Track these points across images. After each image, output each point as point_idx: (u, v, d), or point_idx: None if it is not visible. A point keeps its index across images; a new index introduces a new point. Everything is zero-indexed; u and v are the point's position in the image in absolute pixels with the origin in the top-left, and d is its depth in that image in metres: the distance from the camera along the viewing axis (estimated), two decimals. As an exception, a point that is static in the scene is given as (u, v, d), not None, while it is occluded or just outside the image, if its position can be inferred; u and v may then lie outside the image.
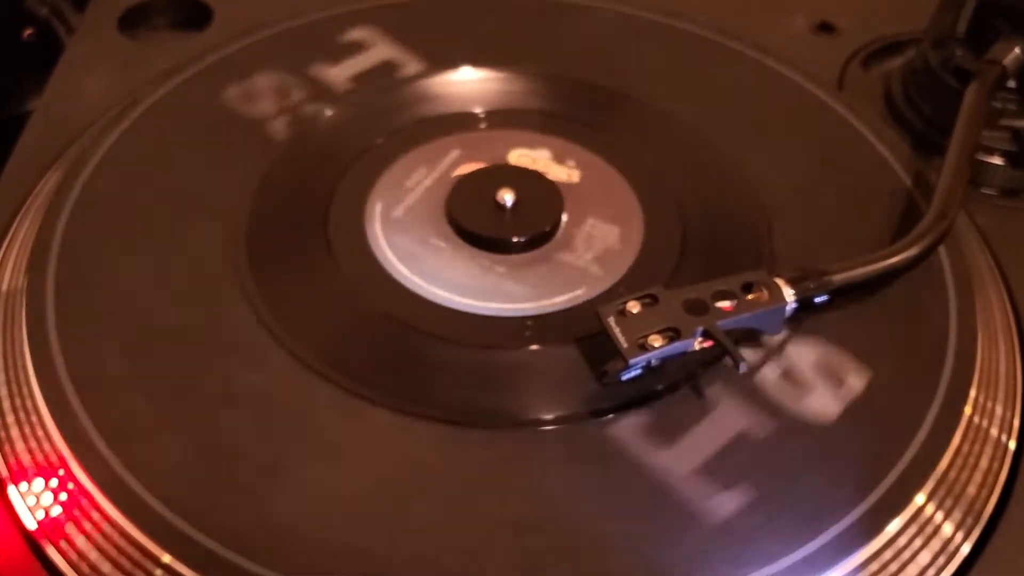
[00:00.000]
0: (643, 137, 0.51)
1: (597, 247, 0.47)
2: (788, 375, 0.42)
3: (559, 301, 0.45)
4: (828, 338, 0.43)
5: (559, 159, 0.50)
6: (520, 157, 0.50)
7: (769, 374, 0.42)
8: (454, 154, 0.50)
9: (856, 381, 0.42)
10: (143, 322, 0.43)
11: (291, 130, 0.50)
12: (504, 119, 0.52)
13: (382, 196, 0.48)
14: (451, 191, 0.48)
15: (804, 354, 0.42)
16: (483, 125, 0.52)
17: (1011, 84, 0.51)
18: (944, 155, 0.47)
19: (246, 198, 0.47)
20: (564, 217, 0.47)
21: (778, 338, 0.42)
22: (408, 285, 0.45)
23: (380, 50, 0.55)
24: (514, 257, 0.46)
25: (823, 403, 0.41)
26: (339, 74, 0.53)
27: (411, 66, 0.54)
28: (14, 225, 0.48)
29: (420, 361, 0.42)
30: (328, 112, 0.52)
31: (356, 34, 0.55)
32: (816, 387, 0.41)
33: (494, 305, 0.44)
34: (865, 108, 0.53)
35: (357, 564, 0.36)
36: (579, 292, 0.45)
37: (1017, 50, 0.51)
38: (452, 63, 0.54)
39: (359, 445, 0.39)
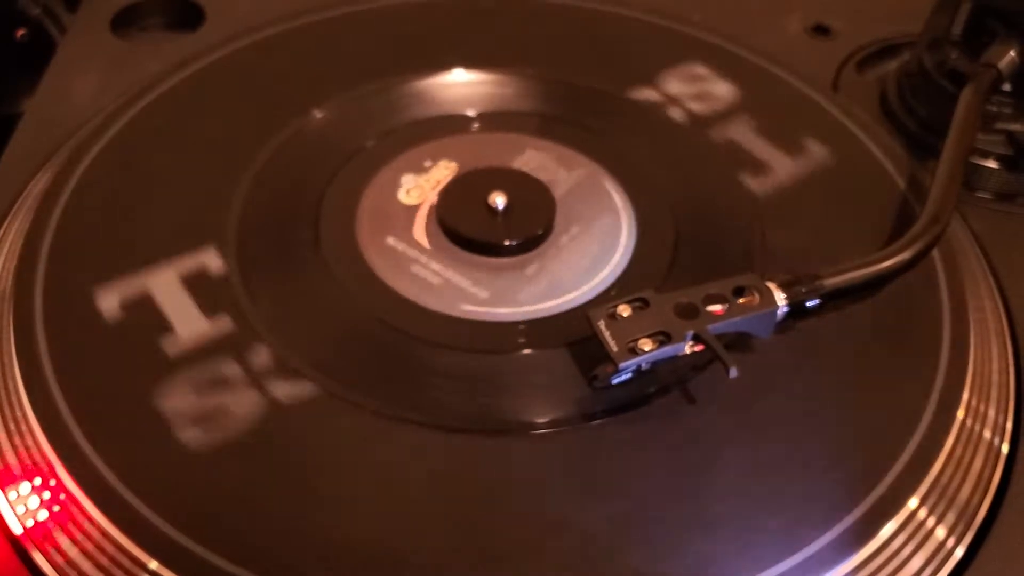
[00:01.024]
0: (636, 140, 0.51)
1: (589, 250, 0.46)
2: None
3: (551, 305, 0.44)
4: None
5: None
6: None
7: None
8: (446, 157, 0.50)
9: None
10: (132, 326, 0.42)
11: (283, 133, 0.50)
12: (496, 121, 0.52)
13: (373, 199, 0.48)
14: (442, 194, 0.48)
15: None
16: (475, 127, 0.52)
17: (1006, 87, 0.51)
18: (939, 158, 0.47)
19: (236, 201, 0.47)
20: (556, 220, 0.47)
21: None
22: (399, 290, 0.45)
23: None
24: (506, 260, 0.46)
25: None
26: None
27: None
28: (3, 226, 0.48)
29: (411, 366, 0.42)
30: (319, 115, 0.51)
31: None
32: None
33: (486, 309, 0.44)
34: (860, 111, 0.53)
35: (347, 569, 0.36)
36: (571, 296, 0.45)
37: (1012, 53, 0.50)
38: (444, 65, 0.53)
39: (350, 451, 0.39)
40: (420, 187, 0.49)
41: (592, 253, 0.46)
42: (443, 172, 0.49)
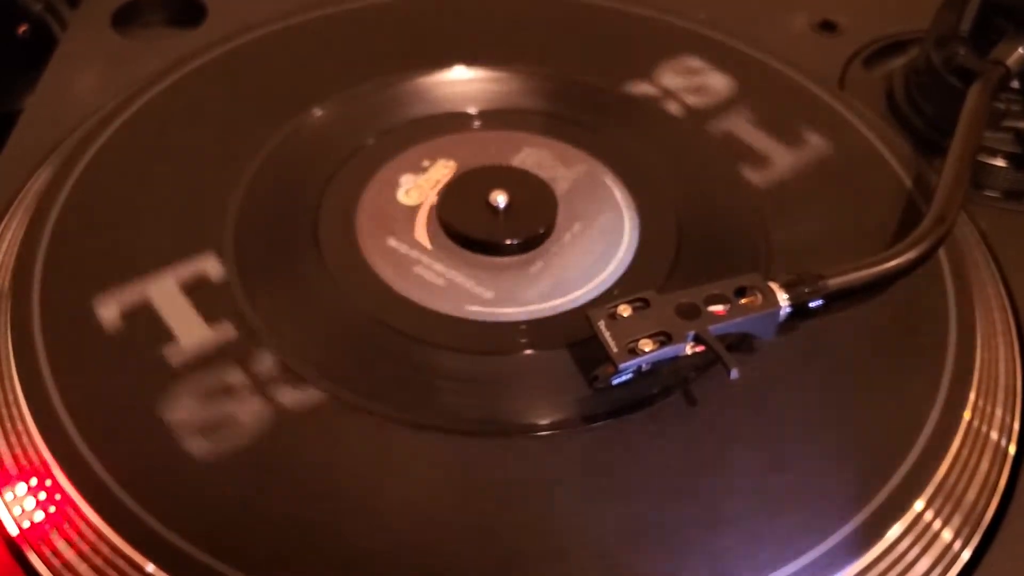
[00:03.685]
0: (639, 138, 0.51)
1: (591, 249, 0.46)
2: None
3: (553, 305, 0.44)
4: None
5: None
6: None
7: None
8: (446, 155, 0.50)
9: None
10: (129, 326, 0.42)
11: (282, 130, 0.50)
12: (497, 119, 0.52)
13: (373, 198, 0.48)
14: (443, 193, 0.48)
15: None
16: (476, 125, 0.51)
17: (1015, 85, 0.51)
18: (946, 156, 0.46)
19: (235, 200, 0.47)
20: (558, 219, 0.47)
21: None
22: (399, 290, 0.44)
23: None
24: (507, 260, 0.46)
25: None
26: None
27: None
28: (2, 223, 0.48)
29: (411, 367, 0.42)
30: (319, 112, 0.51)
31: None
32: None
33: (487, 309, 0.44)
34: (866, 108, 0.53)
35: (346, 573, 0.36)
36: (573, 295, 0.44)
37: (1021, 50, 0.50)
38: (445, 62, 0.53)
39: (351, 455, 0.39)
40: (420, 187, 0.48)
41: (594, 252, 0.46)
42: (442, 171, 0.49)
